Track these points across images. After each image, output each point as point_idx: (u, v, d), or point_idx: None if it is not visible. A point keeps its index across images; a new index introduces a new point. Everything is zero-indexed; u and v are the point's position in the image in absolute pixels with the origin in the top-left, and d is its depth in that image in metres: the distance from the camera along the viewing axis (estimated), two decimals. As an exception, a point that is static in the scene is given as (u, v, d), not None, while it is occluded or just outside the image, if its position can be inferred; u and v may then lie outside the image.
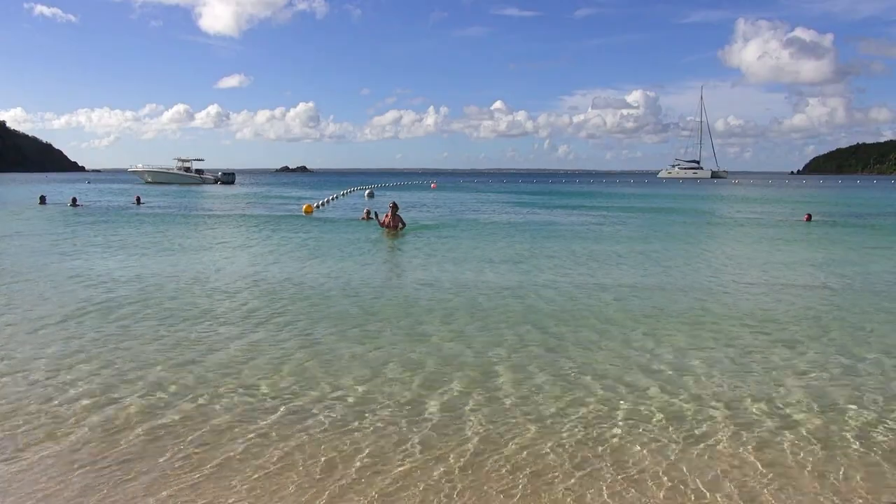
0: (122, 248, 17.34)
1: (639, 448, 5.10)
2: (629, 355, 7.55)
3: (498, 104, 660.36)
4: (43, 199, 37.48)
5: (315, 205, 35.46)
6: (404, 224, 20.91)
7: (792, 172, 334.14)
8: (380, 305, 10.17)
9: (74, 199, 37.18)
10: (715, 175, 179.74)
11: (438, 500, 4.31)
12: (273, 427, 5.41)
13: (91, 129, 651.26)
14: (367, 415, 5.70)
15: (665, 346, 7.89)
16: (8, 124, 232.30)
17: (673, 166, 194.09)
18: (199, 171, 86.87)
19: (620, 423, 5.57)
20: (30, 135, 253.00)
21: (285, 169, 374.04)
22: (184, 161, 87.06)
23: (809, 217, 28.27)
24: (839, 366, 7.19)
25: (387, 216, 20.68)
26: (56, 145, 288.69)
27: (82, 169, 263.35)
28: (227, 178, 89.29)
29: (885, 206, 45.58)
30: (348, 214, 30.60)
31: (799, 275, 13.81)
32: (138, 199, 40.04)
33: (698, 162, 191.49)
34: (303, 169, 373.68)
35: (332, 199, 44.67)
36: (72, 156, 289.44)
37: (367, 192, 55.12)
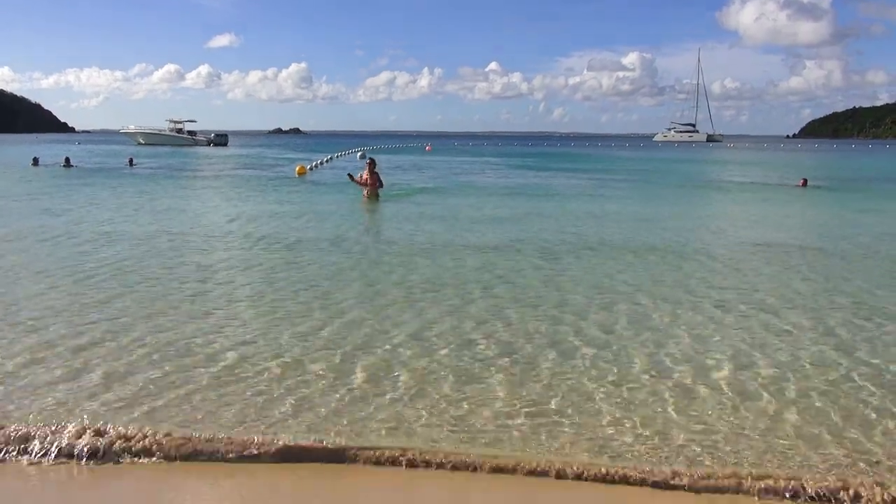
0: (118, 209, 17.29)
1: (559, 395, 5.24)
2: (568, 318, 7.53)
3: (493, 65, 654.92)
4: (36, 161, 37.10)
5: (308, 167, 35.36)
6: (382, 184, 20.00)
7: (788, 136, 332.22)
8: (350, 263, 10.28)
9: (68, 160, 36.90)
10: (710, 139, 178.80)
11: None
12: (211, 374, 5.59)
13: (80, 88, 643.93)
14: (315, 355, 6.06)
15: (628, 306, 7.94)
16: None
17: (669, 130, 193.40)
18: (191, 133, 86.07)
19: (546, 372, 5.69)
20: (18, 95, 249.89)
21: (278, 130, 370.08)
22: (176, 122, 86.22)
23: (805, 182, 27.93)
24: (813, 327, 7.29)
25: (364, 173, 19.89)
26: (45, 105, 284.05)
27: (72, 130, 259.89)
28: (220, 139, 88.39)
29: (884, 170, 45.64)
30: (341, 176, 30.50)
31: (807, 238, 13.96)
32: (131, 161, 39.72)
33: (694, 125, 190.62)
34: (296, 131, 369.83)
35: (326, 160, 44.51)
36: (61, 116, 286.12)
37: (359, 154, 55.01)
